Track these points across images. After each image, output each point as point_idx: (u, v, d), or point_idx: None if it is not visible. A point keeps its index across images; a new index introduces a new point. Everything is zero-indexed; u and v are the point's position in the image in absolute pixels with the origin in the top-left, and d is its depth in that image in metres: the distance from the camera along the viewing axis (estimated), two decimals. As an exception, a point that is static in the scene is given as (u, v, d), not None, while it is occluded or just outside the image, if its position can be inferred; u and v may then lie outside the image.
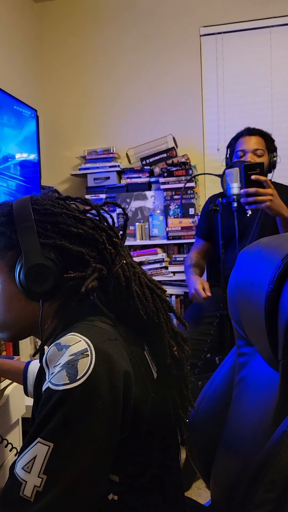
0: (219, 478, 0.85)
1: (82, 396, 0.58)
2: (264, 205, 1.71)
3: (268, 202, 1.70)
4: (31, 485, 0.56)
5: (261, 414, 0.72)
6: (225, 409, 0.87)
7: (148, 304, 0.72)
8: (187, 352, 0.77)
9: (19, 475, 0.57)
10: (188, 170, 2.67)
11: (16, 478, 0.57)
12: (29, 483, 0.56)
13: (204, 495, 1.74)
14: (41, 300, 0.72)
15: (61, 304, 0.72)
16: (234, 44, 2.89)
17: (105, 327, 0.66)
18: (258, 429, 0.72)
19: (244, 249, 0.83)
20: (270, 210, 1.73)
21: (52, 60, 3.16)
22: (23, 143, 2.51)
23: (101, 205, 0.78)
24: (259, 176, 1.71)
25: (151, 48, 3.01)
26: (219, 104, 2.94)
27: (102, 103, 3.10)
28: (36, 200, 0.75)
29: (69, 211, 0.74)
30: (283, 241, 0.72)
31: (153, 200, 2.76)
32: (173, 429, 0.77)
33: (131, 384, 0.63)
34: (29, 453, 0.58)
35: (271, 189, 1.72)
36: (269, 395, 0.69)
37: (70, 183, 3.16)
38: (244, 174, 1.72)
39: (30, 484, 0.56)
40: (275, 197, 1.73)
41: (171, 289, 2.64)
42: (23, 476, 0.57)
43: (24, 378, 1.03)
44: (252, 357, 0.83)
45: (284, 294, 0.63)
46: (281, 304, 0.63)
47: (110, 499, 0.66)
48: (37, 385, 0.72)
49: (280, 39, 2.82)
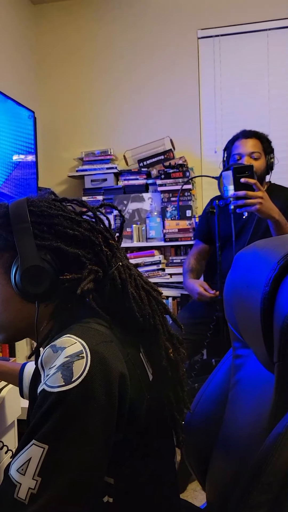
0: (215, 480, 0.85)
1: (77, 398, 0.58)
2: (253, 208, 1.70)
3: (258, 205, 1.69)
4: (25, 487, 0.56)
5: (257, 416, 0.72)
6: (221, 411, 0.87)
7: (144, 306, 0.72)
8: (182, 355, 0.77)
9: (13, 477, 0.57)
10: (185, 172, 2.68)
11: (11, 480, 0.57)
12: (24, 485, 0.56)
13: (200, 497, 1.73)
14: (36, 302, 0.72)
15: (56, 305, 0.72)
16: (231, 46, 2.90)
17: (100, 329, 0.66)
18: (254, 431, 0.72)
19: (240, 252, 0.83)
20: (260, 213, 1.73)
21: (50, 62, 3.16)
22: (20, 144, 2.51)
23: (98, 207, 0.78)
24: (249, 178, 1.71)
25: (148, 50, 3.02)
26: (216, 106, 2.95)
27: (99, 104, 3.11)
28: (32, 202, 0.75)
29: (65, 213, 0.74)
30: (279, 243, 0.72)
31: (150, 202, 2.77)
32: (168, 430, 0.77)
33: (127, 386, 0.63)
34: (23, 455, 0.57)
35: (261, 191, 1.71)
36: (265, 397, 0.69)
37: (67, 185, 3.16)
38: (233, 177, 1.72)
39: (25, 487, 0.56)
40: (265, 200, 1.72)
41: (168, 291, 2.64)
42: (18, 478, 0.57)
43: (20, 380, 1.02)
44: (248, 359, 0.83)
45: (279, 297, 0.63)
46: (276, 306, 0.64)
47: (105, 501, 0.66)
48: (32, 387, 0.72)
49: (277, 42, 2.84)
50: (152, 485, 0.70)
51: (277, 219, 1.76)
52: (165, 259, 2.76)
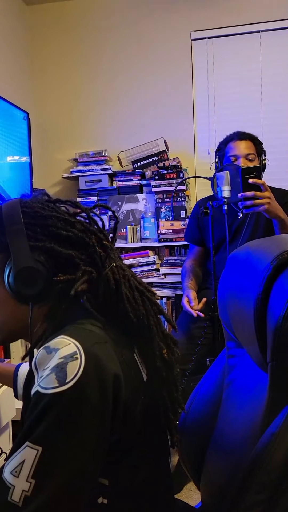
0: (209, 480, 0.85)
1: (71, 399, 0.57)
2: (262, 208, 1.73)
3: (266, 205, 1.72)
4: (19, 490, 0.56)
5: (251, 416, 0.72)
6: (215, 411, 0.87)
7: (137, 307, 0.72)
8: (177, 355, 0.77)
9: (7, 480, 0.57)
10: (179, 173, 2.68)
11: (4, 483, 0.57)
12: (17, 488, 0.56)
13: (195, 497, 1.74)
14: (30, 303, 0.71)
15: (50, 307, 0.72)
16: (224, 48, 2.91)
17: (95, 330, 0.66)
18: (248, 431, 0.72)
19: (234, 252, 0.83)
20: (268, 213, 1.75)
21: (44, 63, 3.16)
22: (14, 145, 2.50)
23: (91, 208, 0.78)
24: (257, 179, 1.73)
25: (142, 52, 3.02)
26: (210, 108, 2.96)
27: (93, 106, 3.10)
28: (25, 203, 0.74)
29: (59, 214, 0.74)
30: (271, 244, 0.73)
31: (144, 203, 2.77)
32: (163, 431, 0.77)
33: (121, 387, 0.63)
34: (17, 457, 0.57)
35: (268, 192, 1.73)
36: (259, 397, 0.69)
37: (61, 186, 3.15)
38: (241, 178, 1.74)
39: (19, 489, 0.56)
40: (272, 200, 1.74)
41: (162, 291, 2.64)
42: (11, 480, 0.56)
43: (14, 381, 1.02)
44: (242, 359, 0.83)
45: (272, 297, 0.64)
46: (269, 306, 0.64)
47: (99, 503, 0.65)
48: (26, 389, 0.71)
49: (270, 44, 2.85)
50: (146, 486, 0.70)
51: (282, 218, 1.80)
52: (159, 259, 2.76)
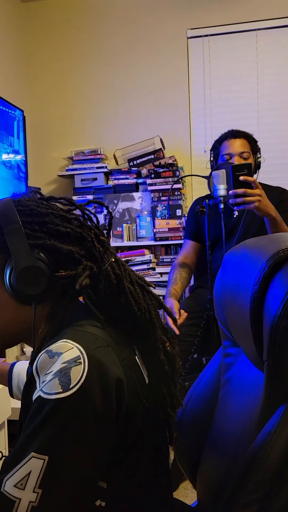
0: (206, 479, 0.85)
1: (76, 405, 0.56)
2: (252, 206, 1.72)
3: (257, 203, 1.71)
4: (26, 502, 0.54)
5: (247, 415, 0.72)
6: (211, 409, 0.87)
7: (139, 301, 0.72)
8: (177, 349, 0.77)
9: (10, 493, 0.55)
10: (175, 172, 2.68)
11: (7, 497, 0.55)
12: (24, 500, 0.54)
13: (191, 495, 1.74)
14: (34, 304, 0.69)
15: (53, 306, 0.70)
16: (220, 46, 2.91)
17: (96, 333, 0.65)
18: (244, 430, 0.72)
19: (230, 251, 0.83)
20: (258, 211, 1.74)
21: (39, 61, 3.14)
22: (9, 143, 2.49)
23: (85, 204, 0.78)
24: (247, 177, 1.73)
25: (138, 49, 3.01)
26: (206, 106, 2.95)
27: (89, 104, 3.09)
28: (19, 202, 0.73)
29: (55, 210, 0.73)
30: (268, 242, 0.72)
31: (140, 201, 2.76)
32: (163, 432, 0.76)
33: (124, 391, 0.62)
34: (22, 470, 0.55)
35: (259, 189, 1.73)
36: (255, 396, 0.69)
37: (57, 184, 3.14)
38: (232, 175, 1.73)
39: (25, 501, 0.54)
40: (263, 198, 1.74)
41: (158, 290, 2.64)
42: (16, 494, 0.55)
43: (9, 380, 1.01)
44: (238, 358, 0.83)
45: (269, 295, 0.64)
46: (266, 305, 0.64)
47: (97, 505, 0.65)
48: (26, 393, 0.68)
49: (266, 42, 2.86)
50: (145, 488, 0.70)
51: (273, 216, 1.78)
52: (155, 258, 2.76)
